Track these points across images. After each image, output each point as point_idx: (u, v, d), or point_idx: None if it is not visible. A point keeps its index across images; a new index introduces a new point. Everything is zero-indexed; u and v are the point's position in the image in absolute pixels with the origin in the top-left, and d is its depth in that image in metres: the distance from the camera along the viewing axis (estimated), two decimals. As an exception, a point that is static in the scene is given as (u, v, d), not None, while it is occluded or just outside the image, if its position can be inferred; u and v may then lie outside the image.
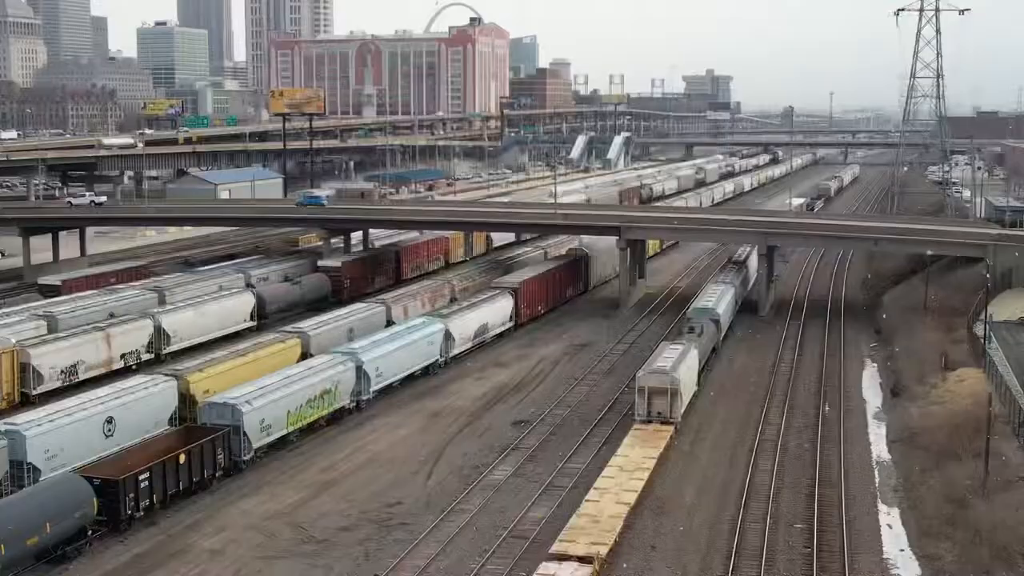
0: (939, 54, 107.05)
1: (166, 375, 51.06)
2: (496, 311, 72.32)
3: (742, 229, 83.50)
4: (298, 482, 46.22)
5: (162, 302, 73.43)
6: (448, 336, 65.04)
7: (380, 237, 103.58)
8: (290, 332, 61.18)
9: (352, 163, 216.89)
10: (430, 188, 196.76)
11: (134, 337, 63.66)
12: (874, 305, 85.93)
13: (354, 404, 55.14)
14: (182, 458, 42.64)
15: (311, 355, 60.40)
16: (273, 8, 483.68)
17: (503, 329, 73.58)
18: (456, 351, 66.43)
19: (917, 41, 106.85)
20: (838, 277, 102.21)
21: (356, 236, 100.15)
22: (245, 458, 46.42)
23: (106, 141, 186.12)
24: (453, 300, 78.34)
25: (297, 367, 52.85)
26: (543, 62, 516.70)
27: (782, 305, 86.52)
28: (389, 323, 69.27)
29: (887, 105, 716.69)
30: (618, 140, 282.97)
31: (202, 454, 43.68)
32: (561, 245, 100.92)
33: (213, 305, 70.91)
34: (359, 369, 55.13)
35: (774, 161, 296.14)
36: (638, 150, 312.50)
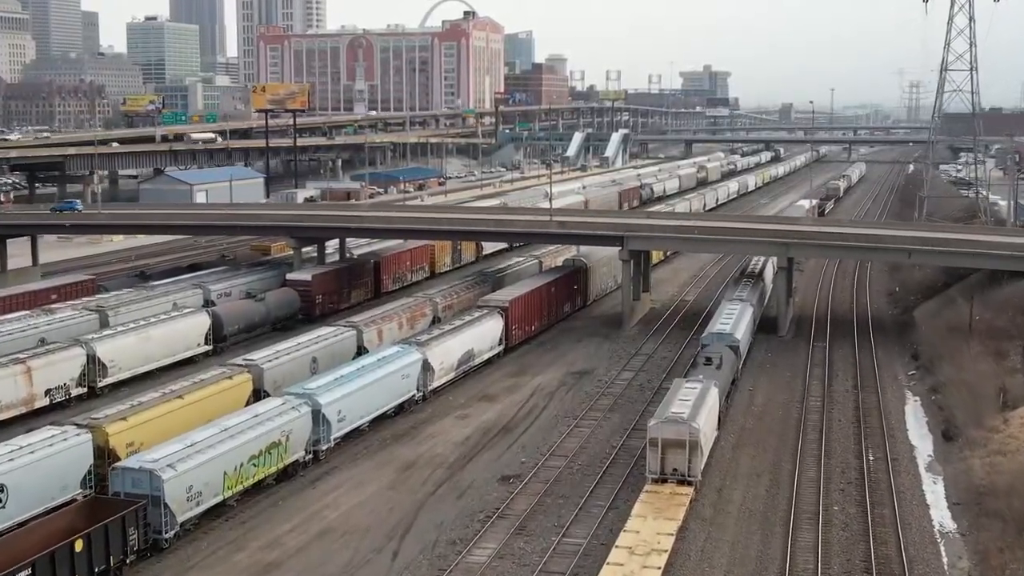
0: (972, 44, 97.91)
1: (79, 426, 42.15)
2: (483, 334, 63.50)
3: (760, 239, 74.65)
4: (232, 566, 37.40)
5: (104, 324, 64.53)
6: (426, 367, 56.22)
7: (359, 244, 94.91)
8: (239, 366, 52.12)
9: (340, 161, 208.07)
10: (420, 187, 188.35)
11: (62, 369, 54.78)
12: (905, 323, 77.37)
13: (310, 455, 46.35)
14: (79, 545, 33.80)
15: (265, 392, 51.70)
16: (265, 2, 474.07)
17: (491, 354, 64.80)
18: (436, 384, 57.63)
19: (948, 30, 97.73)
20: (859, 287, 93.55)
21: (334, 243, 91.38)
22: (167, 535, 37.60)
23: (194, 136, 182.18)
24: (436, 320, 69.55)
25: (238, 415, 43.81)
26: (539, 58, 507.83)
27: (802, 322, 77.87)
28: (360, 350, 60.48)
29: (885, 101, 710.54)
30: (616, 137, 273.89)
31: (107, 537, 34.83)
32: (558, 252, 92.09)
33: (160, 328, 61.96)
34: (317, 414, 46.33)
35: (775, 159, 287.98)
36: (636, 147, 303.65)
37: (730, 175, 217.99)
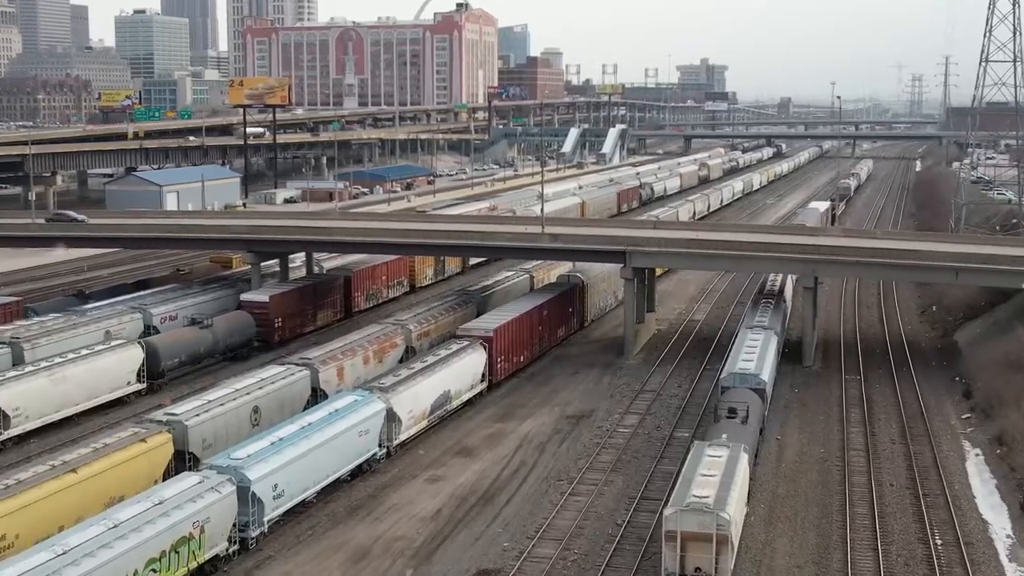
0: (1016, 31, 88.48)
1: (-72, 520, 32.68)
2: (462, 371, 53.94)
3: (782, 255, 65.02)
4: None
5: (19, 360, 54.79)
6: (391, 417, 46.64)
7: (330, 256, 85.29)
8: (157, 423, 42.42)
9: (325, 159, 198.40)
10: (408, 187, 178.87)
11: (-51, 423, 45.29)
12: (946, 349, 67.98)
13: (236, 545, 36.73)
14: None
15: (191, 455, 42.19)
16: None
17: (472, 394, 55.28)
18: (404, 436, 48.10)
19: (991, 16, 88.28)
20: (887, 303, 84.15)
21: (302, 256, 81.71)
22: None
23: (249, 130, 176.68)
24: (410, 351, 59.93)
25: (135, 504, 33.94)
26: (534, 52, 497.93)
27: (829, 347, 68.51)
28: (316, 393, 50.89)
29: (883, 94, 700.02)
30: (613, 133, 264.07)
31: None
32: (551, 266, 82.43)
33: (80, 366, 52.20)
34: (245, 492, 36.73)
35: (778, 154, 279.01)
36: (634, 142, 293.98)
37: (733, 173, 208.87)
